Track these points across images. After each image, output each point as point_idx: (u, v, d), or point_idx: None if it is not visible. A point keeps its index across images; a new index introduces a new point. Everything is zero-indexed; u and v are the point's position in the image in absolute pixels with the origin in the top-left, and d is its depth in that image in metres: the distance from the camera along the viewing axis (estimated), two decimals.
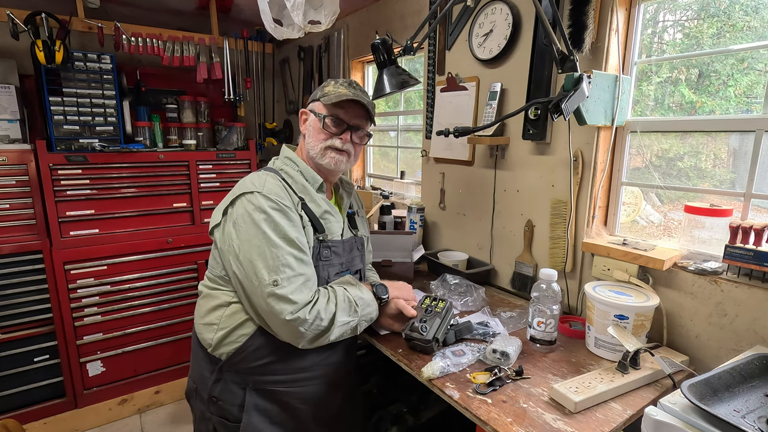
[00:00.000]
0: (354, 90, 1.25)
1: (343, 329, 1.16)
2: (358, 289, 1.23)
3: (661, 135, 1.41)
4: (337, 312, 1.14)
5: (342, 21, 2.63)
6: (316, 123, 1.26)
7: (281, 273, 1.08)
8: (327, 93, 1.25)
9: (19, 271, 2.13)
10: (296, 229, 1.14)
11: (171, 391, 2.60)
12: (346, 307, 1.16)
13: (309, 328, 1.09)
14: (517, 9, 1.61)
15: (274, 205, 1.12)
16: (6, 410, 2.18)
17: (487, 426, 0.95)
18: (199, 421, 1.30)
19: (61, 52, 2.11)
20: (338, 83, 1.27)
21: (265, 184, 1.16)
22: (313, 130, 1.27)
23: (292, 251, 1.11)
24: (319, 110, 1.26)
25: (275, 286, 1.07)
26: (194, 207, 2.54)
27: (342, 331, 1.16)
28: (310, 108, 1.30)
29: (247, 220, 1.11)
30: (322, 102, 1.25)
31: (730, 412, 0.81)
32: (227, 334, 1.18)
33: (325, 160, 1.26)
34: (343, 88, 1.25)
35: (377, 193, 2.46)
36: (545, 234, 1.62)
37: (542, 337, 1.26)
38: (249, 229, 1.11)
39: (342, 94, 1.23)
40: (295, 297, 1.07)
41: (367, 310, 1.22)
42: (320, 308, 1.11)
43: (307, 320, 1.08)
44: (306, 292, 1.10)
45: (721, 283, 1.18)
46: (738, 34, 1.23)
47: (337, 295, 1.17)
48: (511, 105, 1.68)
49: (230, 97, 2.89)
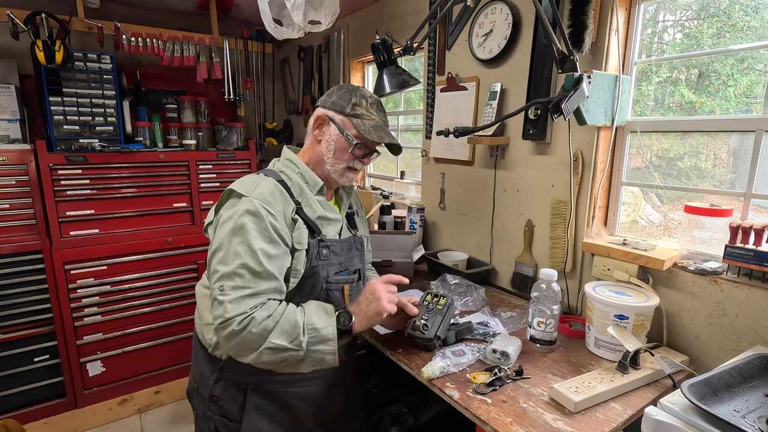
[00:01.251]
0: (383, 117, 1.25)
1: (277, 356, 1.04)
2: (321, 320, 1.09)
3: (661, 135, 1.41)
4: (273, 332, 1.03)
5: (342, 21, 2.63)
6: (341, 140, 1.20)
7: (231, 280, 1.06)
8: (361, 116, 1.20)
9: (19, 271, 2.13)
10: (267, 240, 1.09)
11: (171, 391, 2.60)
12: (288, 331, 1.04)
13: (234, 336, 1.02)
14: (517, 9, 1.61)
15: (254, 211, 1.09)
16: (6, 410, 2.18)
17: (487, 426, 0.95)
18: (200, 420, 1.30)
19: (61, 52, 2.11)
20: (368, 103, 1.22)
21: (256, 188, 1.13)
22: (336, 147, 1.20)
23: (248, 262, 1.06)
24: (348, 129, 1.20)
25: (220, 291, 1.06)
26: (194, 207, 2.54)
27: (274, 358, 1.05)
28: (331, 117, 1.21)
29: (225, 223, 1.11)
30: (356, 126, 1.19)
31: (730, 412, 0.81)
32: None
33: (343, 179, 1.25)
34: (374, 114, 1.22)
35: (377, 193, 2.46)
36: (545, 234, 1.62)
37: (542, 337, 1.26)
38: (224, 229, 1.10)
39: (377, 124, 1.22)
40: (230, 307, 1.03)
41: (318, 347, 1.07)
42: (255, 317, 1.03)
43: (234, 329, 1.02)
44: (245, 303, 1.04)
45: (721, 283, 1.18)
46: (738, 34, 1.23)
47: (284, 315, 1.05)
48: (511, 105, 1.68)
49: (230, 97, 2.89)
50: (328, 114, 1.22)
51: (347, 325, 1.11)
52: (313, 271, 1.19)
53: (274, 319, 1.04)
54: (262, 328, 1.03)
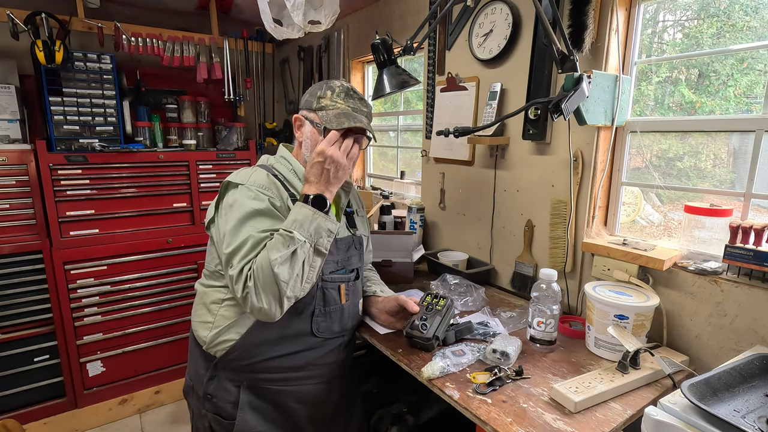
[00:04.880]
0: (353, 102, 1.22)
1: (288, 263, 1.03)
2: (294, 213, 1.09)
3: (660, 135, 1.41)
4: (269, 252, 1.02)
5: (342, 21, 2.63)
6: (314, 135, 1.22)
7: (236, 255, 1.07)
8: (325, 107, 1.21)
9: (19, 271, 2.13)
10: (269, 217, 1.11)
11: (171, 391, 2.60)
12: (277, 244, 1.03)
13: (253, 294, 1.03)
14: (517, 9, 1.61)
15: (254, 195, 1.13)
16: (6, 410, 2.18)
17: (487, 426, 0.95)
18: (196, 418, 1.30)
19: (61, 52, 2.11)
20: (335, 93, 1.22)
21: (251, 177, 1.17)
22: (311, 142, 1.23)
23: (252, 234, 1.07)
24: (317, 122, 1.22)
25: (230, 267, 1.08)
26: (194, 207, 2.54)
27: (291, 266, 1.04)
28: (304, 115, 1.25)
29: (228, 212, 1.13)
30: (321, 118, 1.20)
31: (730, 412, 0.81)
32: (221, 332, 1.19)
33: None
34: (341, 101, 1.21)
35: (377, 193, 2.46)
36: (545, 234, 1.62)
37: (542, 337, 1.26)
38: (228, 216, 1.12)
39: (341, 112, 1.20)
40: (237, 277, 1.05)
41: (311, 226, 1.07)
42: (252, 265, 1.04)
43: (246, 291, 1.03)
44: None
45: (721, 283, 1.18)
46: (738, 34, 1.23)
47: (269, 242, 1.06)
48: (511, 105, 1.68)
49: (230, 97, 2.89)
50: (302, 114, 1.26)
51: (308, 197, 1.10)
52: None
53: (262, 252, 1.05)
54: (260, 263, 1.03)
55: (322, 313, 1.24)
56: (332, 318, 1.27)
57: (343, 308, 1.29)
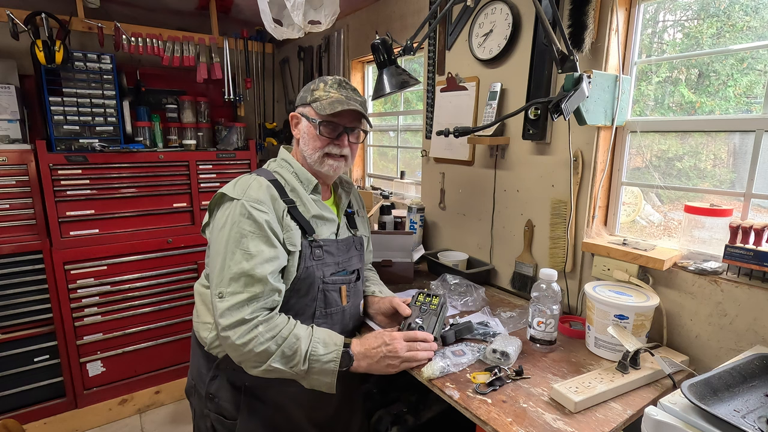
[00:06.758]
0: (345, 92, 1.24)
1: (274, 374, 1.08)
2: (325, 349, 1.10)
3: (660, 135, 1.41)
4: (274, 356, 1.06)
5: (342, 21, 2.63)
6: (310, 129, 1.24)
7: (228, 286, 1.08)
8: (318, 98, 1.22)
9: (19, 271, 2.13)
10: (264, 240, 1.10)
11: (171, 391, 2.60)
12: (288, 356, 1.07)
13: (235, 349, 1.06)
14: (517, 9, 1.61)
15: (248, 213, 1.10)
16: (6, 410, 2.18)
17: (487, 426, 0.95)
18: (197, 417, 1.30)
19: (61, 52, 2.11)
20: (328, 85, 1.24)
21: (248, 190, 1.14)
22: (308, 136, 1.24)
23: (244, 267, 1.07)
24: (312, 116, 1.23)
25: (219, 298, 1.08)
26: (194, 207, 2.54)
27: (272, 375, 1.09)
28: (300, 112, 1.27)
29: (221, 228, 1.13)
30: (315, 109, 1.22)
31: (730, 412, 0.81)
32: None
33: (324, 168, 1.25)
34: (334, 92, 1.23)
35: (377, 193, 2.46)
36: (545, 234, 1.62)
37: (542, 337, 1.26)
38: (221, 236, 1.12)
39: (335, 100, 1.21)
40: (228, 314, 1.06)
41: (316, 376, 1.10)
42: (258, 336, 1.05)
43: (235, 342, 1.05)
44: (243, 310, 1.06)
45: (721, 283, 1.18)
46: (738, 34, 1.23)
47: (287, 340, 1.07)
48: (511, 105, 1.68)
49: (230, 97, 2.89)
50: (298, 110, 1.28)
51: (346, 366, 1.13)
52: (308, 272, 1.19)
53: (276, 342, 1.06)
54: (264, 350, 1.05)
55: (324, 315, 1.24)
56: (333, 320, 1.27)
57: (344, 310, 1.29)
